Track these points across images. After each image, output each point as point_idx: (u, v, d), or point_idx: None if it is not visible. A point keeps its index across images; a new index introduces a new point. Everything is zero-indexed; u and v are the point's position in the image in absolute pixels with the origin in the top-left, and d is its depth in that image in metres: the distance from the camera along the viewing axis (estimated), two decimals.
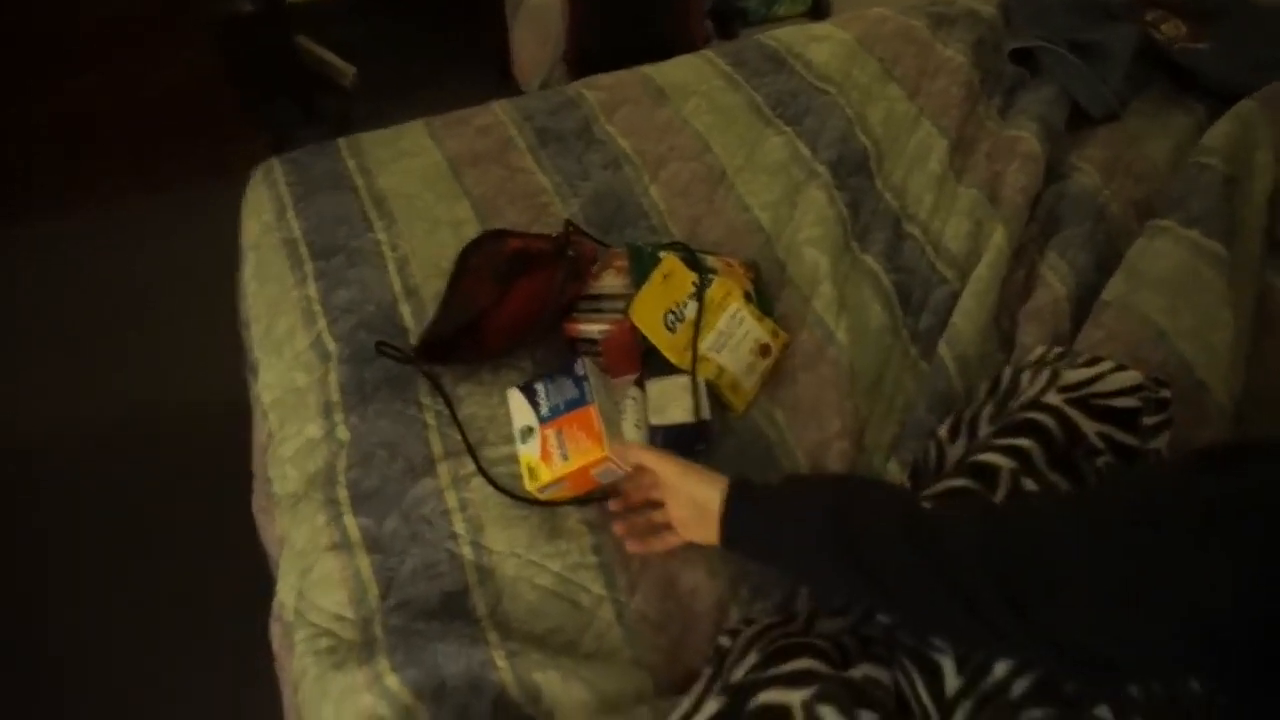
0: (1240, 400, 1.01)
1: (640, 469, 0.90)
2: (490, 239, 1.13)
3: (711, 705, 0.76)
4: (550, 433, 0.91)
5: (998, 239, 1.16)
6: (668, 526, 0.89)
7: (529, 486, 0.92)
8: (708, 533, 0.84)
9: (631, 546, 0.91)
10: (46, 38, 1.93)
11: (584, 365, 0.94)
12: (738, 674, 0.78)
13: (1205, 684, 0.71)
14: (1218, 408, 0.98)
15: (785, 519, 0.81)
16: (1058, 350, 0.98)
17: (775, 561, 0.87)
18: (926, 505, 0.83)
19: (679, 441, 0.99)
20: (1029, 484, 0.84)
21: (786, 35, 1.57)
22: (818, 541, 0.77)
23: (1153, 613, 0.58)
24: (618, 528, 0.92)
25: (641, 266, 1.09)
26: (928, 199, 1.27)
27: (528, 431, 0.92)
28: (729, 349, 1.07)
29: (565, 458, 0.90)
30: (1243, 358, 1.02)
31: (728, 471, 0.87)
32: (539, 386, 0.95)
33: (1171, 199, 1.14)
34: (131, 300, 2.00)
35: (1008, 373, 0.98)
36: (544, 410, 0.93)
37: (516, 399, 0.95)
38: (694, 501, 0.85)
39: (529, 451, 0.92)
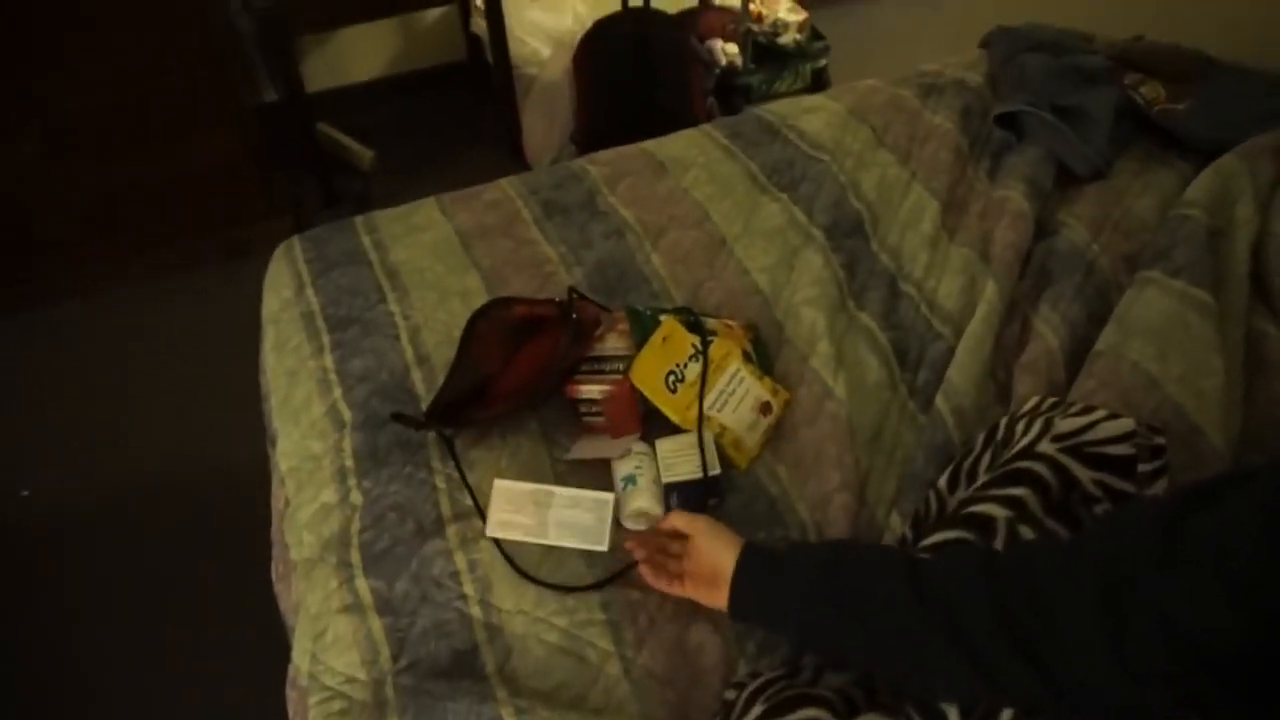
0: (1237, 443, 1.02)
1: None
2: (497, 306, 1.18)
3: None
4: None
5: (990, 294, 1.19)
6: (679, 576, 0.91)
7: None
8: (719, 598, 0.87)
9: (646, 574, 0.93)
10: (79, 121, 2.04)
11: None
12: None
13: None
14: (1214, 451, 0.99)
15: (784, 582, 0.83)
16: (1051, 400, 1.00)
17: (777, 625, 0.89)
18: (924, 557, 0.85)
19: (692, 497, 1.01)
20: (1026, 532, 0.85)
21: (781, 107, 1.63)
22: (815, 603, 0.79)
23: (1138, 641, 0.59)
24: (637, 552, 0.94)
25: (642, 329, 1.13)
26: (922, 258, 1.30)
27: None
28: (730, 408, 1.09)
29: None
30: (1237, 402, 1.04)
31: (735, 526, 0.90)
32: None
33: (1156, 250, 1.17)
34: (158, 375, 2.06)
35: (1003, 423, 1.00)
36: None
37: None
38: (712, 565, 0.87)
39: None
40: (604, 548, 0.95)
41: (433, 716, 0.85)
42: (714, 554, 0.88)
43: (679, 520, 0.92)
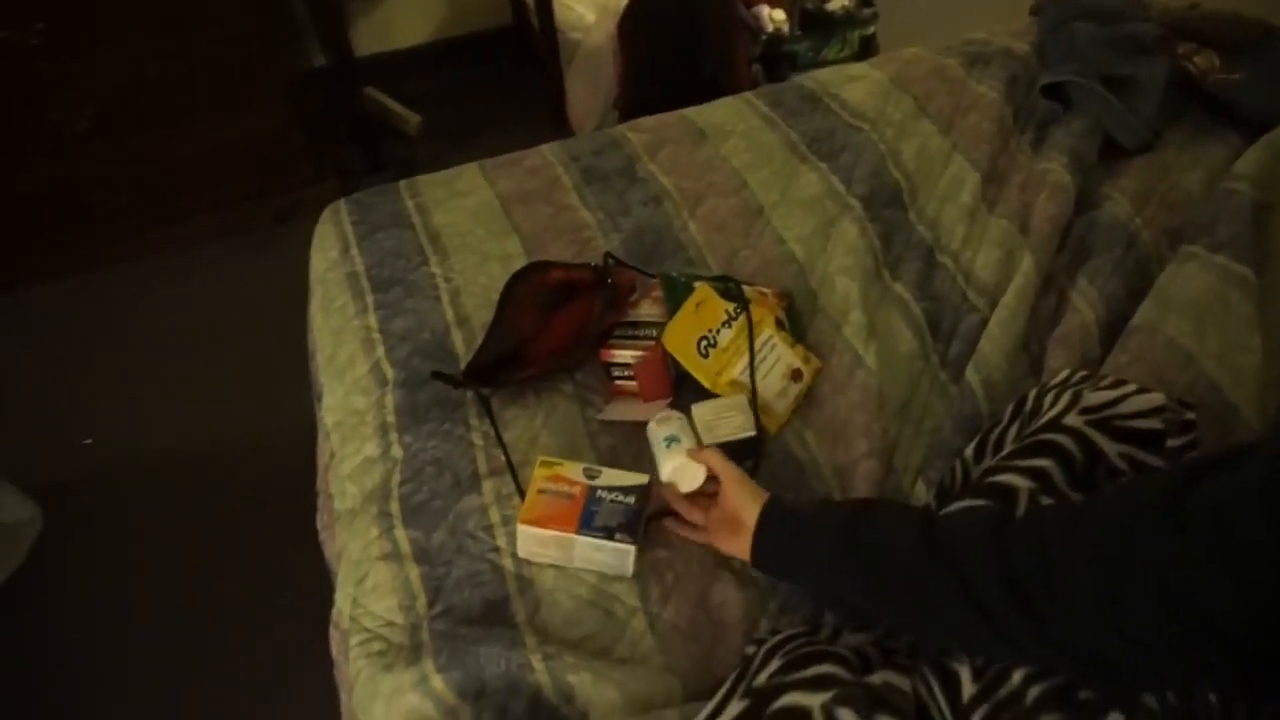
0: (1274, 420, 1.01)
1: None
2: (534, 270, 1.20)
3: (734, 708, 0.79)
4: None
5: (1026, 267, 1.18)
6: (702, 526, 0.96)
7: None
8: (742, 547, 0.91)
9: (668, 523, 0.99)
10: (131, 88, 2.10)
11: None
12: (760, 679, 0.82)
13: (1219, 691, 0.72)
14: (1248, 429, 0.98)
15: (805, 538, 0.86)
16: (1082, 373, 1.00)
17: (798, 579, 0.92)
18: (941, 516, 0.87)
19: (731, 458, 1.03)
20: (1048, 503, 0.86)
21: (824, 76, 1.63)
22: (834, 559, 0.82)
23: (1135, 604, 0.60)
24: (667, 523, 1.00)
25: (675, 295, 1.14)
26: (960, 230, 1.30)
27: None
28: (761, 374, 1.11)
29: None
30: (1275, 379, 1.03)
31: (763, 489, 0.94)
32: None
33: (1199, 224, 1.15)
34: (209, 335, 2.13)
35: (1032, 394, 1.01)
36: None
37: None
38: (736, 514, 0.91)
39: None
40: (629, 574, 0.97)
41: (465, 660, 0.89)
42: (739, 502, 0.91)
43: (713, 459, 0.95)
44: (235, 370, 2.03)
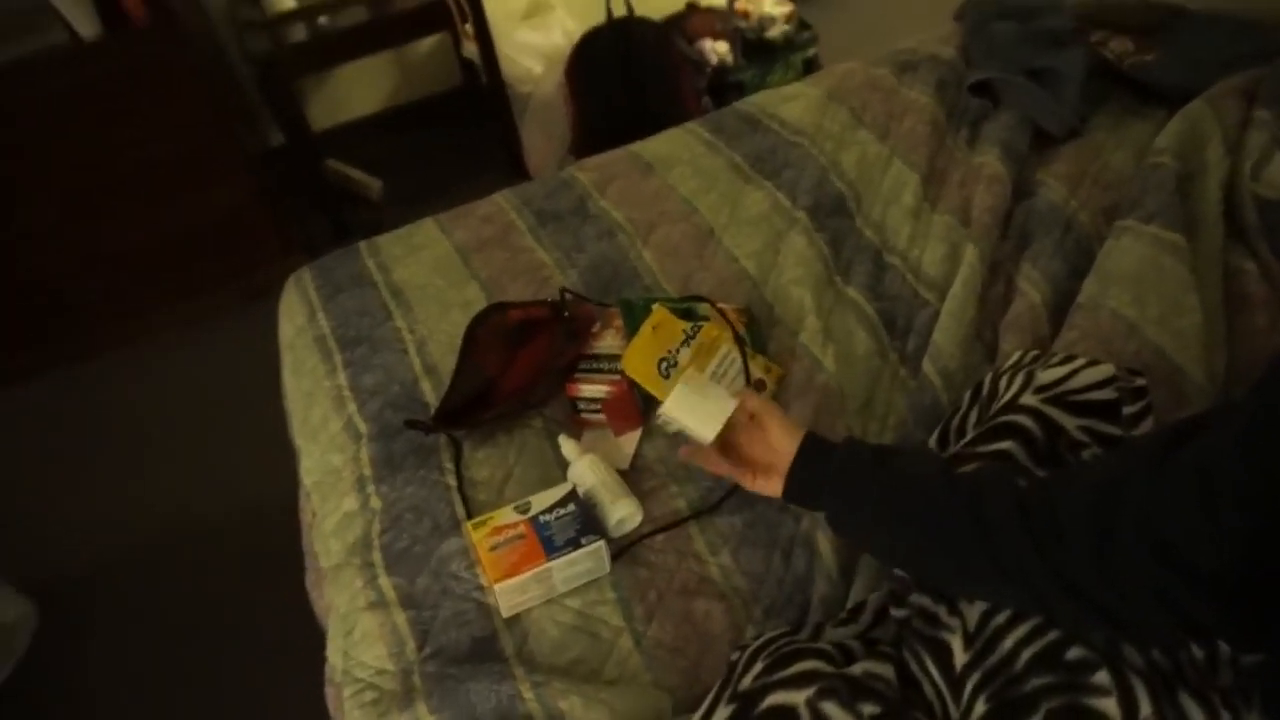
0: (1223, 379, 1.04)
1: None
2: (493, 312, 1.23)
3: (721, 713, 0.80)
4: None
5: (970, 257, 1.22)
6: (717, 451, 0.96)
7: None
8: (775, 486, 0.92)
9: (684, 451, 1.00)
10: (94, 184, 2.13)
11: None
12: (745, 682, 0.83)
13: (1201, 638, 0.74)
14: (1197, 388, 1.01)
15: (836, 477, 0.87)
16: (1033, 353, 1.03)
17: (825, 506, 0.90)
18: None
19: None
20: None
21: (761, 99, 1.68)
22: (860, 485, 0.84)
23: (1125, 547, 0.64)
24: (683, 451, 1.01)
25: (634, 319, 1.17)
26: (905, 230, 1.34)
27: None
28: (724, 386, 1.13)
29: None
30: (1219, 338, 1.06)
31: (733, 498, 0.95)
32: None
33: (1130, 199, 1.19)
34: (191, 419, 2.14)
35: (987, 379, 1.03)
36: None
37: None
38: (777, 449, 0.91)
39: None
40: (608, 570, 0.99)
41: (456, 698, 0.90)
42: (780, 436, 0.91)
43: (753, 401, 0.94)
44: (219, 451, 2.04)
